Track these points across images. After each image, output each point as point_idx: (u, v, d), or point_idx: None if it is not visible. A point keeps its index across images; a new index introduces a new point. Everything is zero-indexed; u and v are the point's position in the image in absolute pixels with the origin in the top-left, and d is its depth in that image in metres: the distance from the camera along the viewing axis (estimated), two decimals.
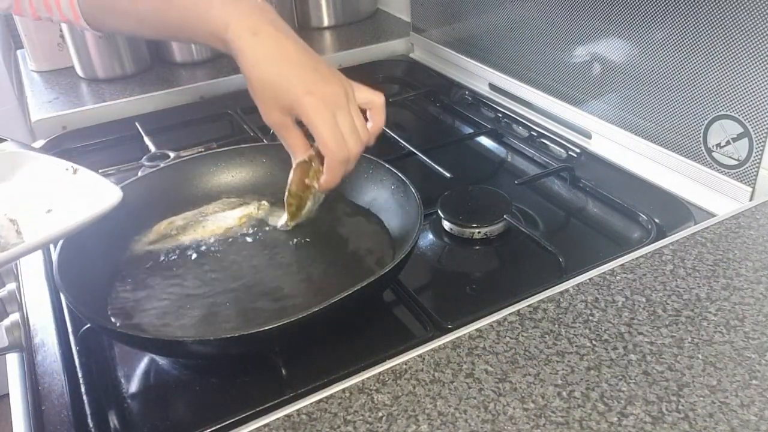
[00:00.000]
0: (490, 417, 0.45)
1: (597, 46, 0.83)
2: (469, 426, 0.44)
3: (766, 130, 0.66)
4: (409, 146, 0.89)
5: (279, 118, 0.62)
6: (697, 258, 0.59)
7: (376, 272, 0.56)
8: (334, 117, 0.60)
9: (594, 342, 0.50)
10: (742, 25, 0.65)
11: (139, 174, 0.82)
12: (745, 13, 0.64)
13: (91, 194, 0.58)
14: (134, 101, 1.06)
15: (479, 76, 1.07)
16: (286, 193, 0.67)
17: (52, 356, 0.60)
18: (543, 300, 0.55)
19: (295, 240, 0.69)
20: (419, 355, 0.50)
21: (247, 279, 0.64)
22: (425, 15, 1.19)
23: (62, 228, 0.54)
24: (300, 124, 0.62)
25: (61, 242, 0.60)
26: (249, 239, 0.69)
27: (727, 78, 0.68)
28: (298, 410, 0.46)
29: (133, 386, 0.59)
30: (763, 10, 0.63)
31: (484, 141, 0.97)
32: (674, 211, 0.74)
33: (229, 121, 1.04)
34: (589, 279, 0.57)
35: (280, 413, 0.46)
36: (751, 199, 0.69)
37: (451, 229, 0.75)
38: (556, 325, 0.52)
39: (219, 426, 0.51)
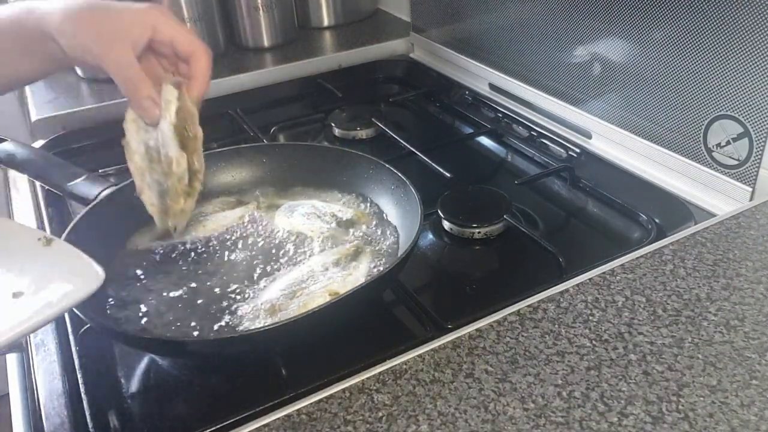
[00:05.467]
0: (490, 417, 0.45)
1: (597, 46, 0.83)
2: (469, 426, 0.44)
3: (766, 130, 0.66)
4: (409, 146, 0.89)
5: (128, 54, 0.57)
6: (697, 258, 0.59)
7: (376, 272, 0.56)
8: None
9: (594, 342, 0.50)
10: (742, 25, 0.65)
11: None
12: (745, 13, 0.64)
13: (66, 273, 0.49)
14: None
15: (479, 76, 1.07)
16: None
17: (51, 356, 0.60)
18: (543, 300, 0.55)
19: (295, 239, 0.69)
20: (419, 355, 0.50)
21: (248, 278, 0.64)
22: (425, 15, 1.19)
23: (31, 323, 0.45)
24: None
25: None
26: (249, 238, 0.69)
27: (727, 78, 0.68)
28: (298, 410, 0.46)
29: (133, 386, 0.59)
30: (762, 10, 0.63)
31: (484, 141, 0.97)
32: (674, 211, 0.74)
33: (229, 121, 1.04)
34: (589, 279, 0.57)
35: (280, 413, 0.46)
36: (751, 199, 0.69)
37: (451, 229, 0.75)
38: (556, 325, 0.52)
39: (219, 426, 0.51)
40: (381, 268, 0.63)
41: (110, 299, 0.61)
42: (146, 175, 0.60)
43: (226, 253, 0.67)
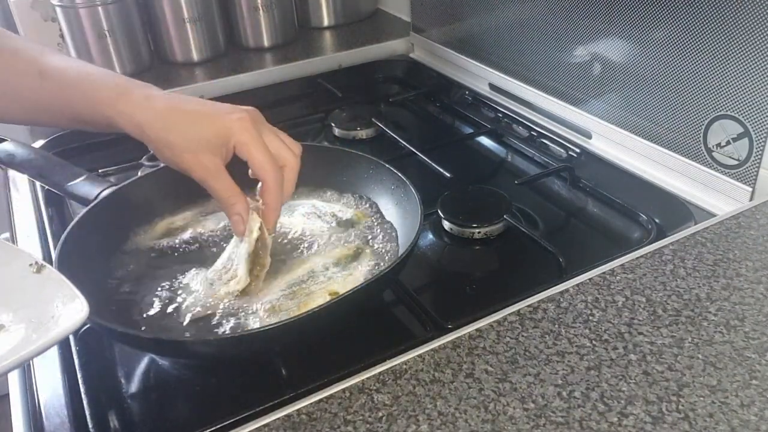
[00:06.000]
0: (490, 417, 0.45)
1: (597, 46, 0.83)
2: (469, 426, 0.44)
3: (766, 130, 0.66)
4: (409, 146, 0.89)
5: (212, 161, 0.57)
6: (697, 258, 0.59)
7: (376, 272, 0.56)
8: (260, 135, 0.58)
9: (594, 342, 0.50)
10: (742, 25, 0.65)
11: (139, 174, 0.82)
12: (745, 13, 0.64)
13: (51, 307, 0.47)
14: None
15: (479, 76, 1.07)
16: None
17: (51, 356, 0.60)
18: (543, 300, 0.55)
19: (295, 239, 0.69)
20: (419, 355, 0.50)
21: None
22: (425, 15, 1.19)
23: (9, 361, 0.43)
24: None
25: (60, 242, 0.59)
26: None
27: (727, 78, 0.68)
28: (298, 410, 0.46)
29: (133, 386, 0.59)
30: (763, 10, 0.63)
31: (484, 141, 0.97)
32: (674, 211, 0.74)
33: None
34: (589, 279, 0.57)
35: (280, 413, 0.46)
36: (751, 199, 0.69)
37: (451, 229, 0.75)
38: (556, 325, 0.52)
39: (219, 426, 0.51)
40: (381, 268, 0.63)
41: (110, 298, 0.61)
42: (215, 272, 0.62)
43: (226, 253, 0.67)
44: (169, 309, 0.60)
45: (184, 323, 0.58)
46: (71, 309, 0.46)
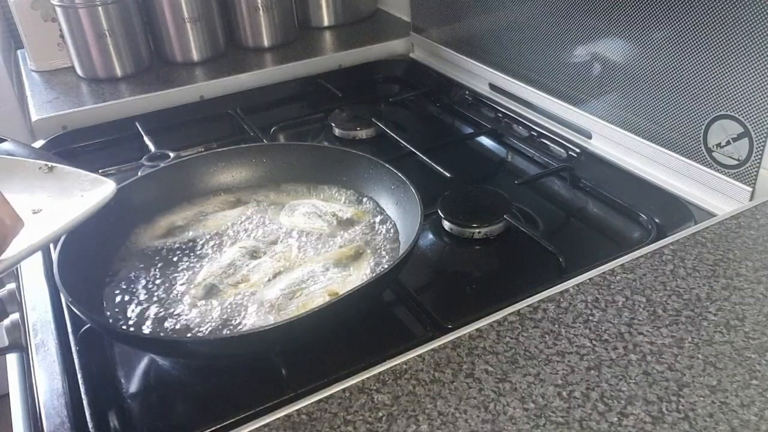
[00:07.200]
0: (490, 417, 0.45)
1: (597, 46, 0.83)
2: (469, 426, 0.44)
3: (766, 130, 0.66)
4: (409, 146, 0.89)
5: None
6: (697, 258, 0.59)
7: (376, 272, 0.56)
8: None
9: (594, 342, 0.50)
10: (742, 25, 0.65)
11: (139, 174, 0.82)
12: (745, 13, 0.64)
13: (78, 189, 0.51)
14: (134, 101, 1.06)
15: (479, 76, 1.07)
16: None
17: (51, 356, 0.60)
18: (543, 300, 0.55)
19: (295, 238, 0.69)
20: (419, 355, 0.50)
21: (247, 277, 0.64)
22: (425, 15, 1.19)
23: (61, 224, 0.46)
24: None
25: (60, 242, 0.59)
26: (249, 237, 0.69)
27: (727, 78, 0.68)
28: (298, 410, 0.46)
29: (133, 386, 0.59)
30: (763, 10, 0.63)
31: (484, 141, 0.97)
32: (674, 211, 0.74)
33: (229, 121, 1.04)
34: (589, 279, 0.57)
35: (280, 413, 0.46)
36: (751, 199, 0.69)
37: (451, 229, 0.75)
38: (556, 325, 0.52)
39: (219, 426, 0.51)
40: (381, 268, 0.63)
41: (110, 299, 0.61)
42: (215, 274, 0.64)
43: (226, 252, 0.67)
44: (169, 309, 0.60)
45: (184, 323, 0.58)
46: (98, 186, 0.50)
